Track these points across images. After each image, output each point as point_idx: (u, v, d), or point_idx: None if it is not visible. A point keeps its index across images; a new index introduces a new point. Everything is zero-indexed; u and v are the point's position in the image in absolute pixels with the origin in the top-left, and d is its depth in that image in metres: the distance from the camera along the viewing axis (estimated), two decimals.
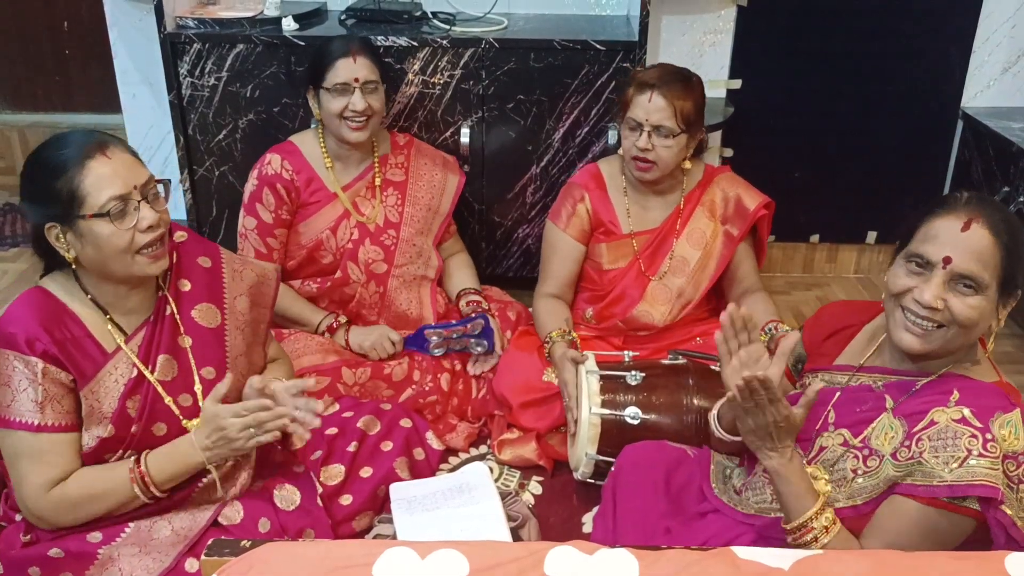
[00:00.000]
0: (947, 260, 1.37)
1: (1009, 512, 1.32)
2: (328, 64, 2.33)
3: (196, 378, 1.76)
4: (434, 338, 2.40)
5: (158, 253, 1.67)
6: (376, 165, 2.51)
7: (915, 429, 1.38)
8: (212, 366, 1.78)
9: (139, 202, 1.62)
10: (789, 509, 1.44)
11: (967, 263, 1.36)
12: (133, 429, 1.68)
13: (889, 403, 1.46)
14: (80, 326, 1.66)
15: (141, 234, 1.62)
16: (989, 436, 1.32)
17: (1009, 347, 2.92)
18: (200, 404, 1.74)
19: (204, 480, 1.74)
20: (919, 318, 1.40)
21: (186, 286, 1.79)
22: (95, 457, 1.67)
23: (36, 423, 1.60)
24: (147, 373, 1.70)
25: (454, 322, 2.46)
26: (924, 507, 1.35)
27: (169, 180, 1.76)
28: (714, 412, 1.70)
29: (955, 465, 1.32)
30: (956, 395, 1.38)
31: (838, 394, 1.54)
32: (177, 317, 1.76)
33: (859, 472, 1.44)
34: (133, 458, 1.67)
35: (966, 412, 1.35)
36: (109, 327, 1.69)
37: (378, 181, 2.50)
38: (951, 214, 1.39)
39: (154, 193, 1.66)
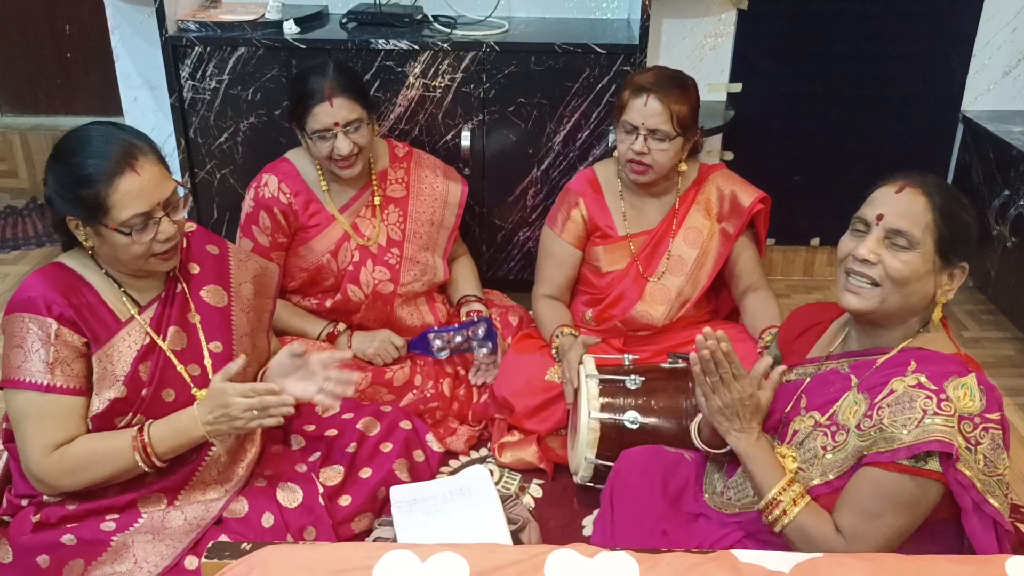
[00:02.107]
0: (879, 217, 1.46)
1: (968, 473, 1.35)
2: (306, 111, 2.26)
3: (205, 351, 1.81)
4: (437, 342, 2.39)
5: (170, 254, 1.74)
6: (375, 182, 2.46)
7: (876, 400, 1.44)
8: (219, 341, 1.84)
9: (161, 217, 1.67)
10: (759, 486, 1.51)
11: (898, 219, 1.45)
12: (144, 392, 1.72)
13: (854, 381, 1.51)
14: (95, 295, 1.73)
15: (158, 244, 1.68)
16: (943, 396, 1.37)
17: (1011, 351, 2.92)
18: (209, 375, 1.80)
19: (208, 457, 1.79)
20: (856, 275, 1.48)
21: (195, 269, 1.87)
22: (105, 420, 1.70)
23: (45, 383, 1.64)
24: (159, 341, 1.76)
25: (457, 325, 2.46)
26: (889, 474, 1.39)
27: (190, 189, 1.79)
28: (694, 424, 1.74)
29: (912, 426, 1.37)
30: (913, 365, 1.44)
31: (807, 380, 1.60)
32: (187, 295, 1.83)
33: (828, 448, 1.48)
34: (136, 427, 1.70)
35: (922, 378, 1.41)
36: (124, 299, 1.75)
37: (377, 200, 2.45)
38: (888, 183, 1.50)
39: (175, 203, 1.71)
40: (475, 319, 2.43)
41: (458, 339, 2.40)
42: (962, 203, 1.48)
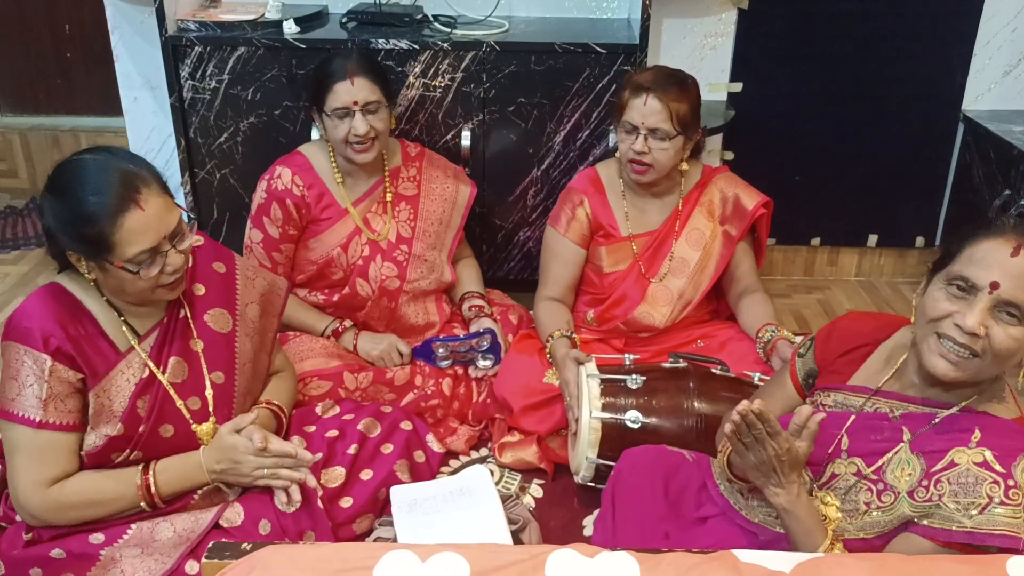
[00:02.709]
0: (994, 285, 1.29)
1: None
2: (327, 88, 2.28)
3: (207, 382, 1.77)
4: (441, 350, 2.39)
5: (176, 284, 1.69)
6: (387, 179, 2.47)
7: (934, 469, 1.35)
8: (221, 371, 1.80)
9: (168, 250, 1.62)
10: (798, 544, 1.42)
11: (1015, 290, 1.28)
12: (141, 429, 1.69)
13: (906, 435, 1.41)
14: (94, 324, 1.68)
15: (166, 276, 1.64)
16: (1012, 483, 1.29)
17: None
18: (210, 408, 1.77)
19: (201, 490, 1.75)
20: (957, 345, 1.32)
21: (200, 290, 1.82)
22: (101, 457, 1.68)
23: (37, 419, 1.62)
24: (158, 374, 1.72)
25: (462, 335, 2.45)
26: (940, 547, 1.32)
27: (194, 217, 1.73)
28: (723, 460, 1.62)
29: (975, 512, 1.29)
30: (977, 435, 1.35)
31: (852, 418, 1.49)
32: (190, 321, 1.79)
33: (873, 506, 1.41)
34: (140, 468, 1.69)
35: (988, 455, 1.31)
36: (123, 327, 1.71)
37: (389, 197, 2.46)
38: (999, 237, 1.31)
39: (181, 232, 1.65)
40: (481, 331, 2.43)
41: (462, 349, 2.40)
42: None
